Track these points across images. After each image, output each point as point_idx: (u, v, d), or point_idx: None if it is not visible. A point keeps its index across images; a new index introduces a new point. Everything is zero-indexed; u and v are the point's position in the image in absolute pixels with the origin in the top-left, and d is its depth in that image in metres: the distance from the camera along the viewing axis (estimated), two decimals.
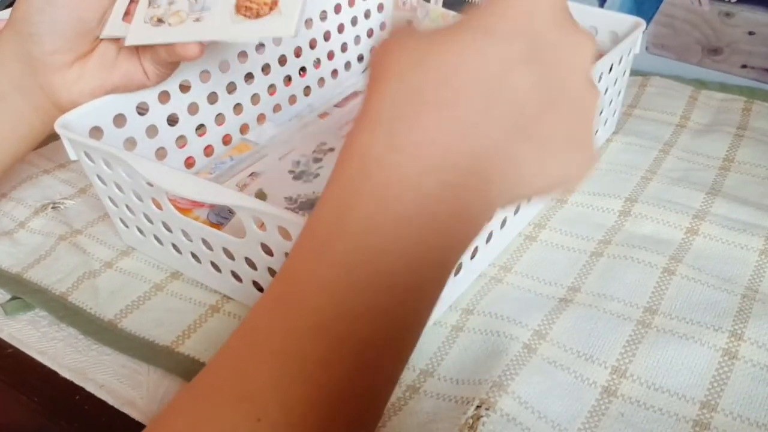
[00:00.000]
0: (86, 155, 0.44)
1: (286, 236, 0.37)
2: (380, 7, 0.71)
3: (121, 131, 0.49)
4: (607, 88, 0.53)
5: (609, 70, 0.51)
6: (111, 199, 0.47)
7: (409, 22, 0.69)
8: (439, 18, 0.65)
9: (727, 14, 0.65)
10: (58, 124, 0.44)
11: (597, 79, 0.27)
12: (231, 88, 0.57)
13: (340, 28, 0.67)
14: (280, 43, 0.61)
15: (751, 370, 0.38)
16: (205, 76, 0.55)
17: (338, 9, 0.66)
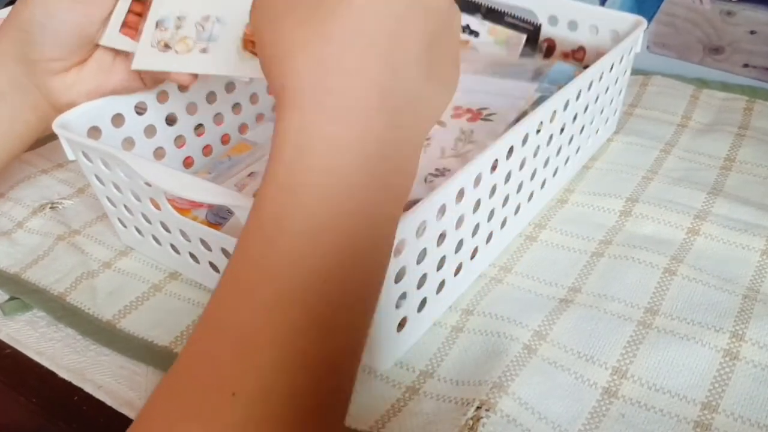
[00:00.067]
0: (84, 155, 0.44)
1: None
2: None
3: (120, 131, 0.49)
4: (607, 87, 0.53)
5: (610, 69, 0.51)
6: (109, 199, 0.47)
7: None
8: None
9: (729, 13, 0.65)
10: (57, 124, 0.44)
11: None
12: (230, 88, 0.57)
13: None
14: None
15: (753, 370, 0.38)
16: (203, 75, 0.55)
17: None
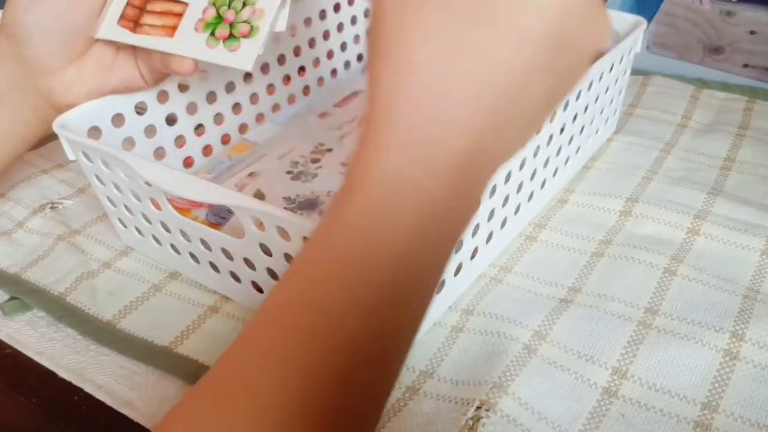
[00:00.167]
0: (84, 155, 0.44)
1: (285, 236, 0.37)
2: None
3: (120, 131, 0.49)
4: (607, 87, 0.53)
5: (610, 69, 0.51)
6: (109, 199, 0.47)
7: None
8: None
9: (729, 13, 0.65)
10: (57, 124, 0.44)
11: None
12: (230, 88, 0.57)
13: (340, 27, 0.67)
14: (279, 42, 0.61)
15: (753, 370, 0.38)
16: (203, 75, 0.55)
17: (337, 8, 0.66)
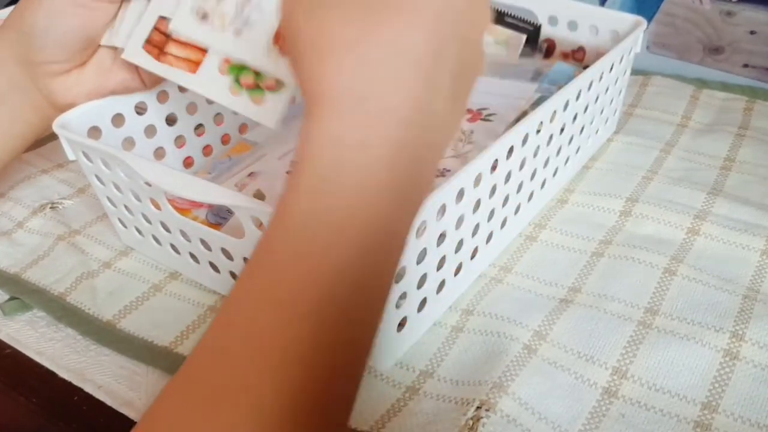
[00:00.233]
0: (84, 155, 0.44)
1: None
2: None
3: (120, 131, 0.49)
4: (607, 87, 0.53)
5: (610, 69, 0.51)
6: (109, 199, 0.47)
7: None
8: None
9: (729, 13, 0.65)
10: (57, 124, 0.44)
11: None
12: None
13: None
14: None
15: (753, 370, 0.38)
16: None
17: None
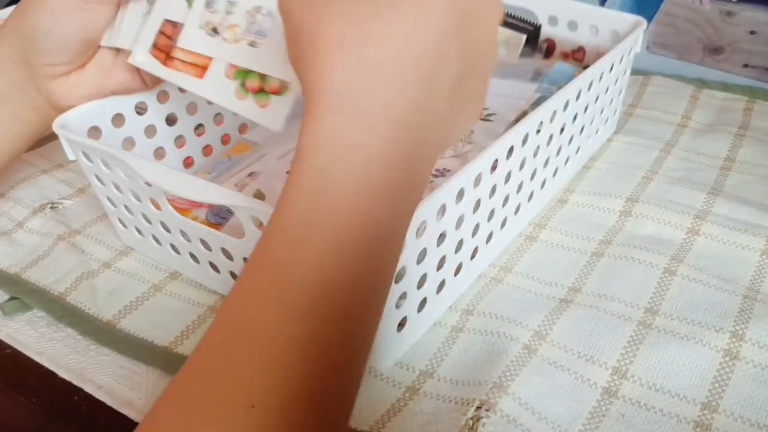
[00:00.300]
0: (84, 155, 0.44)
1: None
2: None
3: (120, 131, 0.49)
4: (607, 87, 0.53)
5: (610, 69, 0.51)
6: (109, 199, 0.47)
7: None
8: None
9: (729, 13, 0.65)
10: (57, 124, 0.44)
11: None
12: None
13: None
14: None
15: (753, 370, 0.38)
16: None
17: None
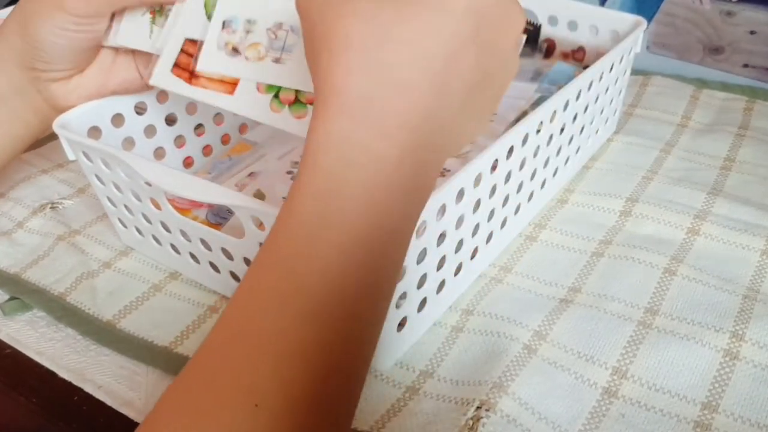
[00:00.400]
0: (84, 155, 0.44)
1: None
2: None
3: (120, 131, 0.49)
4: (607, 87, 0.53)
5: (610, 69, 0.51)
6: (109, 199, 0.47)
7: None
8: None
9: (729, 13, 0.65)
10: (57, 124, 0.44)
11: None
12: None
13: None
14: None
15: (753, 370, 0.38)
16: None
17: None
